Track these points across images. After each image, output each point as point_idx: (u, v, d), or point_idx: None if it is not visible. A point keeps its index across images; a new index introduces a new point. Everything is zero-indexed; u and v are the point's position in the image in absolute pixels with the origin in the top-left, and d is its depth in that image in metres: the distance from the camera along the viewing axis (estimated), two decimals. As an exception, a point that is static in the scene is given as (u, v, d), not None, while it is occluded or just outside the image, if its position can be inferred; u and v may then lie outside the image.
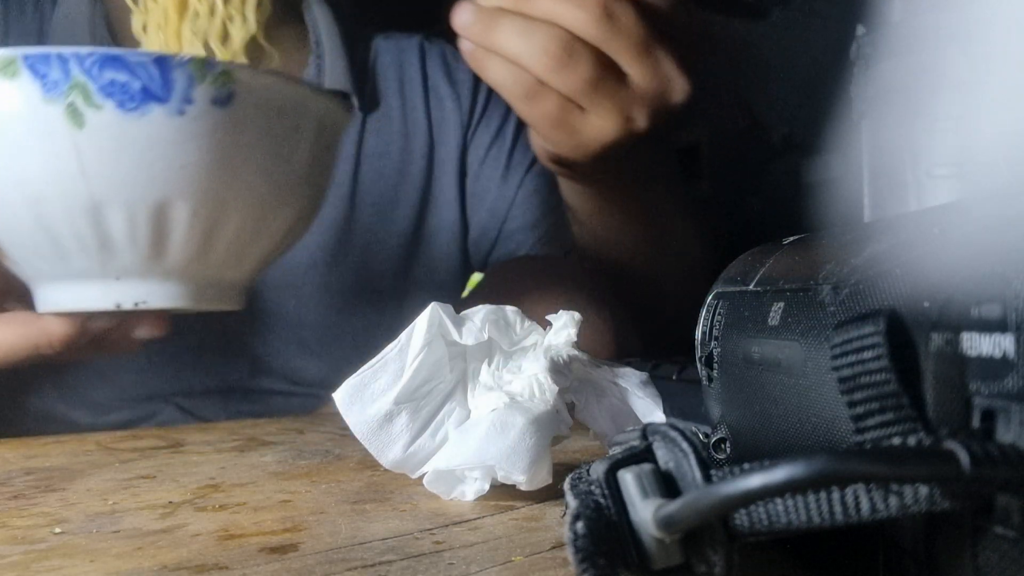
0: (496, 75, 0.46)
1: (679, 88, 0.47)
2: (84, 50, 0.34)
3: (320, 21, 0.70)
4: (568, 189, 0.61)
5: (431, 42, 0.78)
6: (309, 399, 0.70)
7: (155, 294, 0.39)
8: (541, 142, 0.51)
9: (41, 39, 0.63)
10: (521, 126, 0.76)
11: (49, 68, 0.34)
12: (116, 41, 0.60)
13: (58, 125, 0.34)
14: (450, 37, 0.58)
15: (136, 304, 0.39)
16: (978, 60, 0.40)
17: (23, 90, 0.34)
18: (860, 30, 0.46)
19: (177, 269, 0.39)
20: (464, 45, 0.47)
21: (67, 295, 0.39)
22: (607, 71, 0.45)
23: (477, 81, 0.75)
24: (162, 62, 0.35)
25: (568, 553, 0.16)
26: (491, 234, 0.76)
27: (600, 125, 0.47)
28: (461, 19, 0.46)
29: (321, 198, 0.44)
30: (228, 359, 0.70)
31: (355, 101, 0.70)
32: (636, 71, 0.45)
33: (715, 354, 0.26)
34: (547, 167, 0.56)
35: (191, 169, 0.36)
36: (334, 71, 0.67)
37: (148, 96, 0.35)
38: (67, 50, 0.34)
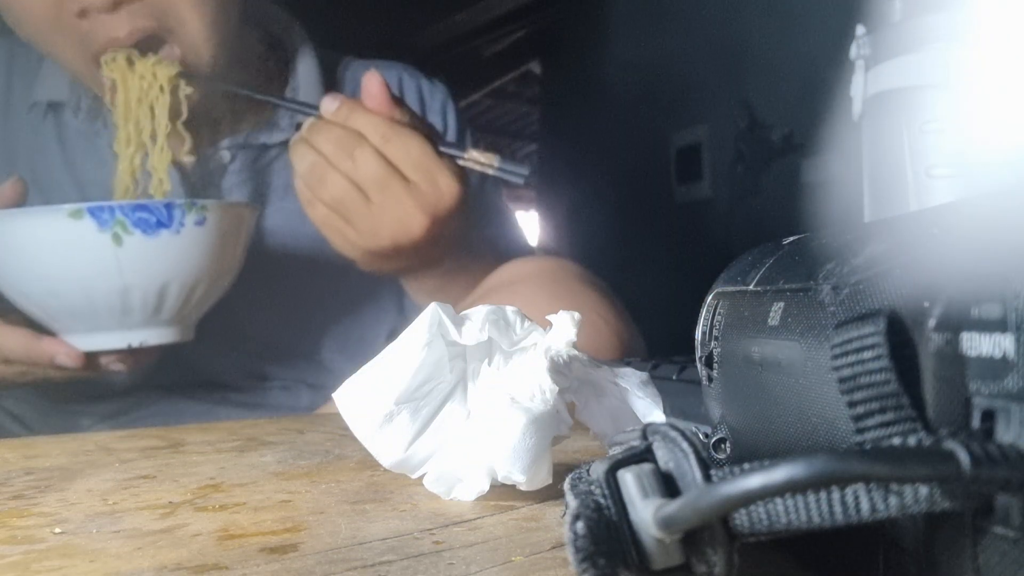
0: (297, 161, 0.61)
1: (451, 193, 0.61)
2: (125, 203, 0.56)
3: (299, 52, 0.80)
4: (403, 282, 0.73)
5: (409, 74, 0.85)
6: (292, 392, 0.79)
7: (152, 336, 0.62)
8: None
9: (38, 80, 0.76)
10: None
11: (102, 213, 0.55)
12: (87, 84, 0.70)
13: (106, 246, 0.56)
14: (427, 68, 0.75)
15: (140, 344, 0.62)
16: (977, 60, 0.40)
17: (85, 226, 0.55)
18: (860, 30, 0.46)
19: (166, 320, 0.62)
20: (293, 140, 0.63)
21: (96, 340, 0.61)
22: (392, 174, 0.59)
23: (446, 119, 0.85)
24: (169, 206, 0.57)
25: (568, 553, 0.16)
26: None
27: (356, 234, 0.61)
28: (304, 126, 0.62)
29: (241, 267, 0.67)
30: (203, 357, 0.78)
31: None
32: (416, 177, 0.60)
33: (715, 354, 0.26)
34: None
35: (182, 263, 0.59)
36: (307, 92, 0.78)
37: (160, 224, 0.57)
38: (115, 203, 0.56)
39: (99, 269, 0.57)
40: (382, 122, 0.60)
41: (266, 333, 0.79)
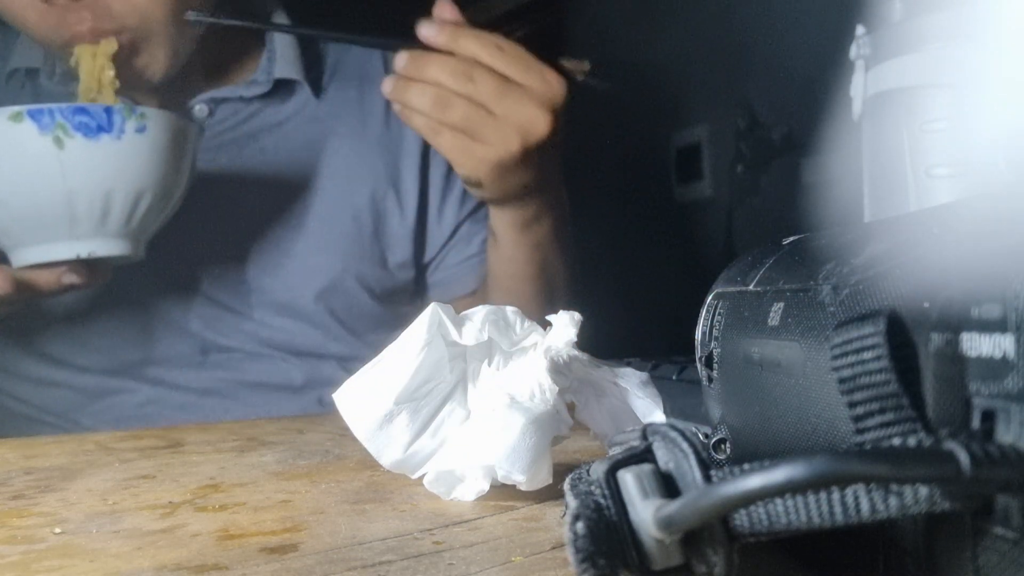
0: (416, 99, 0.63)
1: (559, 87, 0.64)
2: (64, 105, 0.57)
3: (275, 21, 0.81)
4: (495, 216, 0.75)
5: (391, 55, 0.85)
6: (278, 362, 0.78)
7: (101, 247, 0.61)
8: (456, 169, 0.67)
9: (15, 49, 0.77)
10: None
11: (43, 116, 0.56)
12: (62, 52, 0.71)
13: (48, 149, 0.57)
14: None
15: (89, 254, 0.61)
16: (977, 60, 0.40)
17: (26, 130, 0.56)
18: (860, 30, 0.46)
19: (114, 231, 0.62)
20: (386, 85, 0.65)
21: (45, 252, 0.61)
22: (507, 83, 0.63)
23: None
24: (109, 110, 0.58)
25: (568, 553, 0.16)
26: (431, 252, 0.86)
27: (485, 148, 0.64)
28: (399, 62, 0.64)
29: (188, 187, 0.67)
30: (201, 318, 0.78)
31: (305, 86, 0.81)
32: (528, 79, 0.63)
33: (715, 354, 0.26)
34: (471, 192, 0.72)
35: (124, 170, 0.60)
36: (284, 62, 0.80)
37: (100, 129, 0.58)
38: (54, 105, 0.56)
39: (42, 173, 0.58)
40: (488, 39, 0.63)
41: (239, 282, 0.79)
